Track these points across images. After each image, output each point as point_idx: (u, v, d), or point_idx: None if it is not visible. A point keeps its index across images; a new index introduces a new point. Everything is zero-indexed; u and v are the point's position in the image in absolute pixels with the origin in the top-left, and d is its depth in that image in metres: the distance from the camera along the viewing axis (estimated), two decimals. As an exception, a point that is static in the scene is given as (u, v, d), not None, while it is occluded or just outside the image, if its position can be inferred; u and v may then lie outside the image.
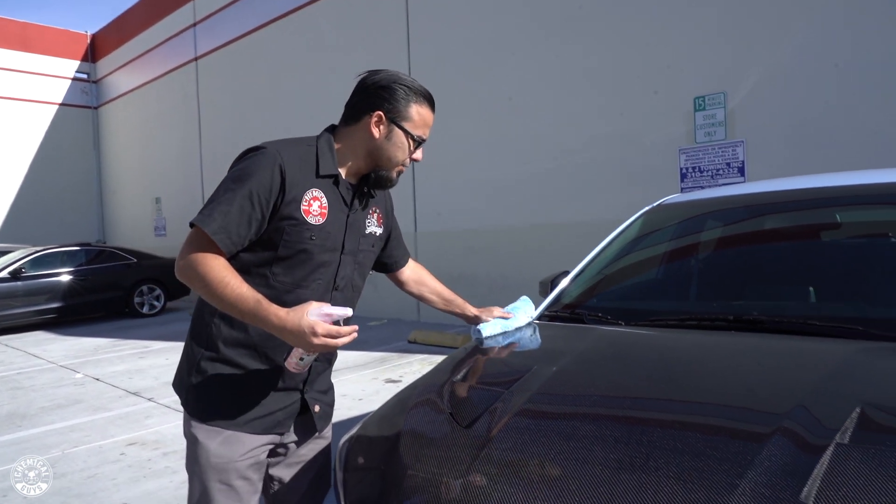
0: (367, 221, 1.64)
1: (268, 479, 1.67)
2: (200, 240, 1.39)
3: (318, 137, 1.57)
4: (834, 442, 1.03)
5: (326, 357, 1.64)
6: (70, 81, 17.42)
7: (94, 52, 17.66)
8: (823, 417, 1.12)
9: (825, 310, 1.80)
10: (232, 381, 1.50)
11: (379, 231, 1.70)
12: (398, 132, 1.52)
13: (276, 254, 1.47)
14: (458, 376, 1.68)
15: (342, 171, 1.56)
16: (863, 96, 5.20)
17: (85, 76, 17.70)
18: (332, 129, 1.60)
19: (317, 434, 1.67)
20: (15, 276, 9.99)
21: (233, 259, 1.48)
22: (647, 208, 2.69)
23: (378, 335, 7.90)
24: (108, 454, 3.98)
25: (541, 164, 7.39)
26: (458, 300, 1.98)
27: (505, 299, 2.37)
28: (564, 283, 2.44)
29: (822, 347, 1.51)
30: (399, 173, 1.59)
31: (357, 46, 9.49)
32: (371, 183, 1.58)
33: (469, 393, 1.56)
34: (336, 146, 1.56)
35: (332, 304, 1.50)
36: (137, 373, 6.49)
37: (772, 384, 1.33)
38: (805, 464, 0.99)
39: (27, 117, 16.64)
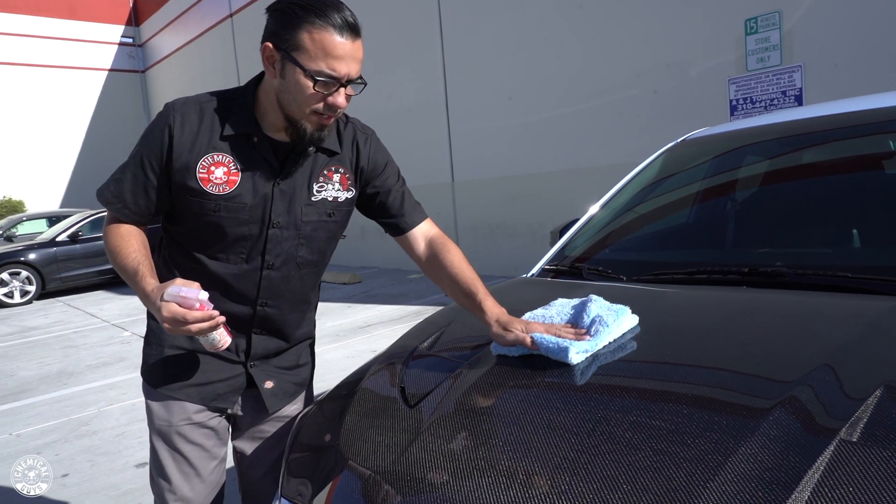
0: (315, 186, 1.35)
1: (234, 450, 1.57)
2: (108, 213, 1.35)
3: (237, 90, 1.33)
4: (837, 438, 0.79)
5: (273, 330, 1.44)
6: (117, 46, 17.72)
7: (136, 15, 17.81)
8: (829, 405, 0.88)
9: (862, 259, 1.50)
10: (172, 345, 1.41)
11: (345, 195, 1.40)
12: (291, 67, 1.18)
13: (187, 226, 1.34)
14: (425, 344, 1.49)
15: (268, 129, 1.30)
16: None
17: (130, 40, 17.97)
18: (261, 78, 1.32)
19: (270, 415, 1.51)
20: (73, 239, 10.39)
21: (167, 228, 1.40)
22: (668, 145, 2.38)
23: (417, 288, 7.81)
24: (139, 412, 4.06)
25: (579, 104, 6.95)
26: (478, 297, 1.36)
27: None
28: (570, 233, 2.20)
29: (851, 306, 1.24)
30: (321, 126, 1.25)
31: (387, -10, 9.11)
32: (294, 139, 1.28)
33: (426, 365, 1.38)
34: (261, 99, 1.30)
35: (268, 285, 1.37)
36: (181, 331, 6.64)
37: (773, 356, 1.08)
38: (792, 473, 0.76)
39: (79, 85, 17.09)
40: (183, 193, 1.29)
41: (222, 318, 1.17)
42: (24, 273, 9.64)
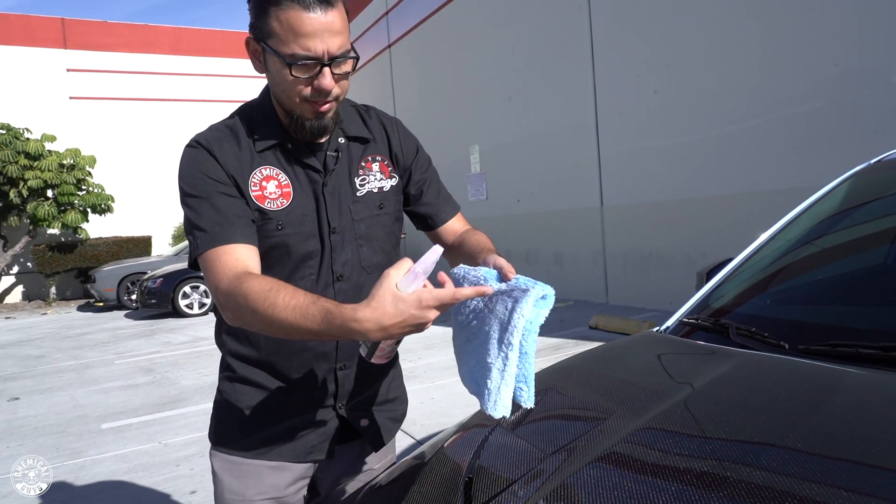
0: (357, 181, 1.24)
1: None
2: (217, 260, 1.07)
3: (254, 101, 1.25)
4: None
5: (356, 358, 1.28)
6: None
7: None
8: None
9: None
10: (252, 401, 1.26)
11: (389, 183, 1.28)
12: (270, 57, 1.09)
13: None
14: (513, 417, 1.21)
15: (293, 131, 1.20)
16: None
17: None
18: None
19: (357, 469, 1.35)
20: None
21: None
22: (856, 169, 1.87)
23: (558, 318, 7.40)
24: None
25: (749, 120, 6.17)
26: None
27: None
28: (718, 277, 1.78)
29: None
30: (318, 114, 1.12)
31: (535, 15, 8.92)
32: (297, 134, 1.18)
33: (504, 450, 1.09)
34: (274, 102, 1.20)
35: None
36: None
37: None
38: None
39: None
40: None
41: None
42: (203, 286, 10.68)
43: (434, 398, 4.60)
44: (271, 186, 1.16)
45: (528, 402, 0.89)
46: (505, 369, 0.87)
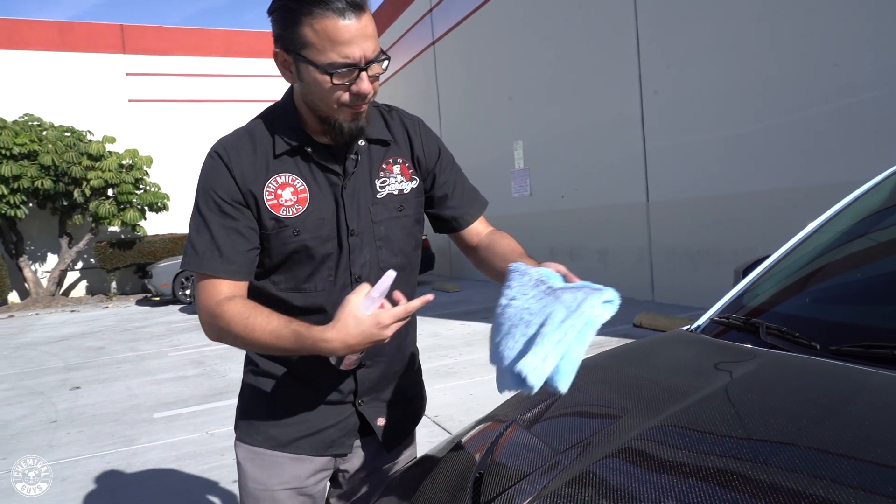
0: (377, 183, 1.25)
1: None
2: (205, 285, 1.17)
3: (277, 105, 1.26)
4: None
5: (376, 354, 1.30)
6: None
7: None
8: None
9: None
10: (273, 395, 1.31)
11: (410, 186, 1.28)
12: (304, 67, 1.09)
13: (269, 262, 1.23)
14: (528, 415, 1.20)
15: (315, 135, 1.20)
16: None
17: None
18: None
19: (380, 463, 1.38)
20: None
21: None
22: (905, 161, 1.78)
23: (602, 316, 7.29)
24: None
25: (802, 111, 5.93)
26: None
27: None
28: (753, 275, 1.72)
29: None
30: (355, 116, 1.14)
31: (579, 6, 8.78)
32: (334, 139, 1.19)
33: (517, 448, 1.09)
34: (298, 107, 1.20)
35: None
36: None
37: None
38: None
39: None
40: (261, 230, 1.21)
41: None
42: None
43: (472, 394, 4.61)
44: (287, 193, 1.18)
45: (564, 385, 0.87)
46: (560, 341, 0.86)
